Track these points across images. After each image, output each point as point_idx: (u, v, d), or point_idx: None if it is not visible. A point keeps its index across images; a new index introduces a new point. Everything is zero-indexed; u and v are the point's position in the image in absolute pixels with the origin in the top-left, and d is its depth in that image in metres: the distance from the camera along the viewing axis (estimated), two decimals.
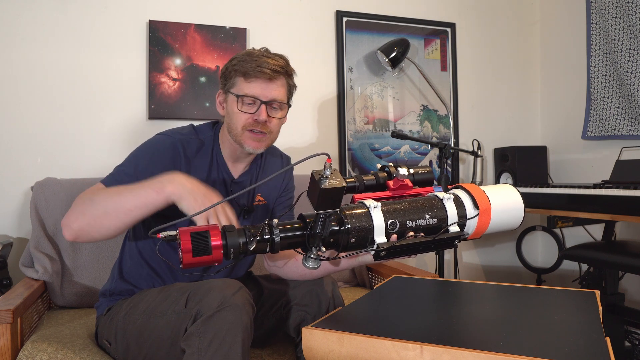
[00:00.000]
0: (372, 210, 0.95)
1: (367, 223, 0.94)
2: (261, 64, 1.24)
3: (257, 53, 1.27)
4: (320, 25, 2.41)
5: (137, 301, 1.25)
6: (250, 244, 0.89)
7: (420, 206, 1.01)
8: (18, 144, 1.93)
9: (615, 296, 2.10)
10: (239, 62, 1.26)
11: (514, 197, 1.09)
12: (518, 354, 0.77)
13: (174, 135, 1.29)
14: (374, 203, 0.96)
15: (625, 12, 2.29)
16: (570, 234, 2.69)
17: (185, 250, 0.84)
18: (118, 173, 1.23)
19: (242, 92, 1.25)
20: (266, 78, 1.25)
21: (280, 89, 1.28)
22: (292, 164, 0.99)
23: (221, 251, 0.87)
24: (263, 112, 1.25)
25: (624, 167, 2.17)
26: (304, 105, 2.37)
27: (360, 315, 1.07)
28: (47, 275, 1.63)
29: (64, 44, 2.00)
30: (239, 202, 1.36)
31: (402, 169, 1.03)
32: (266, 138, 1.29)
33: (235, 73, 1.27)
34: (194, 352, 1.01)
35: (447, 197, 1.02)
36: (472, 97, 2.73)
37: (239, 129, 1.27)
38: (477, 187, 1.07)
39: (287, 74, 1.30)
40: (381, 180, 1.03)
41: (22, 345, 1.31)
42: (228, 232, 0.88)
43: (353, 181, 1.00)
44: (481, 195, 1.05)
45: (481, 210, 1.04)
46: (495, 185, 1.11)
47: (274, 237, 0.91)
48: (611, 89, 2.41)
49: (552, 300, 1.14)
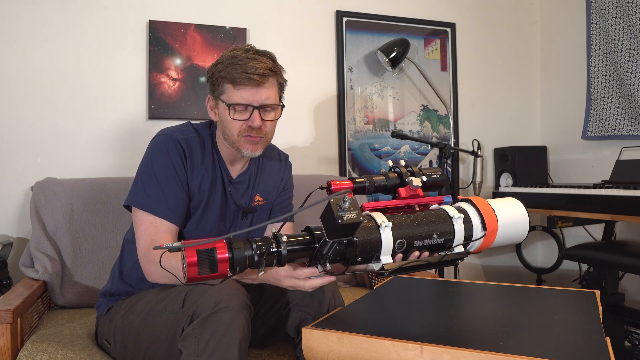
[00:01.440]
0: (382, 230, 0.94)
1: (375, 242, 0.94)
2: (247, 69, 1.20)
3: (243, 56, 1.22)
4: (320, 25, 2.41)
5: (136, 301, 1.25)
6: (259, 260, 0.89)
7: (429, 225, 1.00)
8: (18, 144, 1.93)
9: (615, 296, 2.10)
10: (224, 67, 1.22)
11: (521, 218, 1.09)
12: (518, 354, 0.77)
13: (175, 133, 1.29)
14: (385, 221, 0.95)
15: (625, 12, 2.29)
16: (570, 234, 2.69)
17: (191, 264, 0.83)
18: (143, 189, 1.24)
19: (233, 100, 1.23)
20: (254, 84, 1.22)
21: (271, 91, 1.25)
22: (309, 200, 0.96)
23: (227, 267, 0.86)
24: (257, 118, 1.23)
25: (624, 167, 2.17)
26: (304, 105, 2.37)
27: (360, 315, 1.07)
28: (47, 275, 1.63)
29: (64, 43, 1.99)
30: (238, 203, 1.36)
31: (415, 178, 1.01)
32: (262, 141, 1.28)
33: (223, 80, 1.23)
34: (190, 354, 1.01)
35: (457, 216, 1.01)
36: (472, 97, 2.73)
37: (235, 136, 1.26)
38: (487, 205, 1.06)
39: (276, 73, 1.27)
40: (391, 182, 1.02)
41: (22, 345, 1.31)
42: (235, 249, 0.87)
43: (363, 181, 1.00)
44: (490, 215, 1.04)
45: (488, 232, 1.04)
46: (505, 200, 1.10)
47: (282, 250, 0.91)
48: (611, 89, 2.41)
49: (552, 300, 1.14)
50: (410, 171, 1.05)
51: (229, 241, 0.88)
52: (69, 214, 1.73)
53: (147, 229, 1.22)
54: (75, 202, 1.75)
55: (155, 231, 1.22)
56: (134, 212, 1.26)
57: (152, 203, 1.23)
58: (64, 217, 1.72)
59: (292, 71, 2.33)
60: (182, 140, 1.28)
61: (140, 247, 1.22)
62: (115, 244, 1.72)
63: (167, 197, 1.23)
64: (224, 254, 0.86)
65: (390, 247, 0.95)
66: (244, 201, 1.38)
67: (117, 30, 2.07)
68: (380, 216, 0.97)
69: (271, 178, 1.45)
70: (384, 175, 1.03)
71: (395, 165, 1.06)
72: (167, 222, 1.23)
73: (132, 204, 1.26)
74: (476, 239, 1.04)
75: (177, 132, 1.30)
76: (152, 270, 1.20)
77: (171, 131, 1.30)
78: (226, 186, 1.34)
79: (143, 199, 1.24)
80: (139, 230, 1.24)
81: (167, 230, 1.23)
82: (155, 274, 1.20)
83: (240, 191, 1.36)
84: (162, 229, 1.22)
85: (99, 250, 1.74)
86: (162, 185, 1.23)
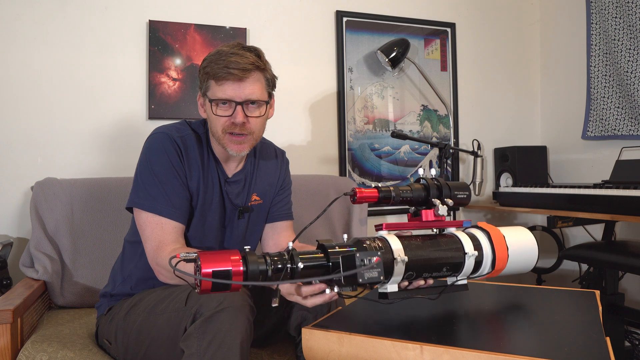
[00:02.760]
0: (396, 264, 0.95)
1: (387, 273, 0.94)
2: (229, 64, 1.18)
3: (226, 51, 1.20)
4: (320, 25, 2.41)
5: (137, 300, 1.25)
6: (270, 275, 0.88)
7: (442, 259, 1.01)
8: (18, 144, 1.93)
9: (615, 296, 2.09)
10: (208, 63, 1.21)
11: (528, 263, 1.13)
12: (518, 354, 0.77)
13: (171, 131, 1.28)
14: (401, 255, 0.95)
15: (625, 12, 2.29)
16: (570, 234, 2.69)
17: (205, 288, 0.81)
18: (145, 190, 1.23)
19: (215, 96, 1.21)
20: (236, 79, 1.19)
21: (255, 86, 1.22)
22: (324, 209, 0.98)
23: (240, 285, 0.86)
24: (239, 114, 1.21)
25: (624, 167, 2.17)
26: (304, 105, 2.37)
27: (360, 315, 1.07)
28: (47, 275, 1.63)
29: (64, 43, 1.99)
30: (234, 202, 1.35)
31: (442, 206, 1.01)
32: (248, 139, 1.25)
33: (207, 76, 1.22)
34: (192, 354, 1.01)
35: (471, 254, 1.03)
36: (472, 97, 2.73)
37: (220, 133, 1.24)
38: (503, 243, 1.08)
39: (260, 69, 1.23)
40: (417, 194, 1.02)
41: (22, 345, 1.31)
42: (250, 263, 0.85)
43: (389, 191, 1.00)
44: (502, 254, 1.07)
45: (495, 270, 1.08)
46: (522, 241, 1.11)
47: (296, 266, 0.89)
48: (611, 89, 2.41)
49: (552, 300, 1.14)
50: (437, 184, 1.04)
51: (244, 255, 0.85)
52: (69, 214, 1.73)
53: (154, 230, 1.21)
54: (75, 202, 1.74)
55: (162, 232, 1.21)
56: (138, 214, 1.25)
57: (156, 203, 1.21)
58: (64, 217, 1.72)
59: (292, 71, 2.34)
60: (178, 138, 1.26)
61: (149, 249, 1.22)
62: (115, 244, 1.72)
63: (170, 196, 1.23)
64: (239, 272, 0.83)
65: (400, 278, 0.97)
66: (240, 200, 1.37)
67: (117, 30, 2.07)
68: (397, 244, 0.97)
69: (268, 176, 1.44)
70: (410, 186, 1.03)
71: (423, 178, 1.06)
72: (173, 222, 1.22)
73: (135, 206, 1.24)
74: (480, 276, 1.09)
75: (173, 130, 1.28)
76: (162, 272, 1.20)
77: (167, 129, 1.29)
78: (222, 185, 1.33)
79: (146, 200, 1.22)
80: (145, 232, 1.23)
81: (173, 230, 1.22)
82: (165, 276, 1.20)
83: (236, 191, 1.35)
84: (169, 229, 1.22)
85: (99, 250, 1.74)
86: (163, 184, 1.22)
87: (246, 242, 1.41)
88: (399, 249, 0.95)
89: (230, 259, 0.82)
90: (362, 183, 2.45)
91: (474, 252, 1.03)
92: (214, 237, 1.34)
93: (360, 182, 2.44)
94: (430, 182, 1.04)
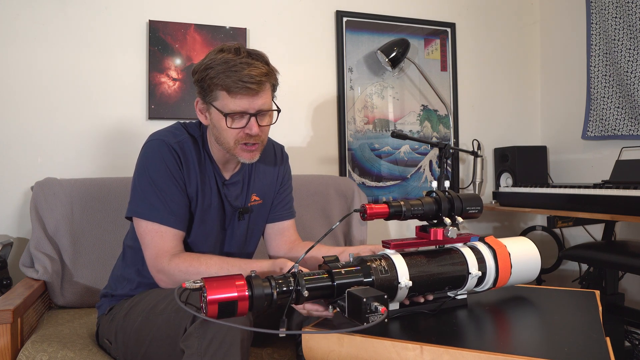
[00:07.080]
0: (400, 289, 0.96)
1: (390, 296, 0.95)
2: (243, 77, 1.15)
3: (236, 61, 1.16)
4: (320, 25, 2.41)
5: (138, 300, 1.25)
6: (275, 299, 0.89)
7: (445, 278, 1.02)
8: (18, 144, 1.93)
9: (615, 296, 2.09)
10: (217, 74, 1.16)
11: (532, 273, 1.13)
12: (518, 354, 0.77)
13: (168, 137, 1.26)
14: (406, 280, 0.96)
15: (625, 12, 2.29)
16: (570, 234, 2.69)
17: (212, 312, 0.84)
18: (144, 199, 1.23)
19: (229, 109, 1.18)
20: (253, 93, 1.17)
21: (266, 96, 1.21)
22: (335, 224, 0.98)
23: (247, 308, 0.87)
24: (254, 125, 1.20)
25: (624, 167, 2.17)
26: (304, 105, 2.37)
27: None
28: (47, 275, 1.63)
29: (64, 43, 1.99)
30: (234, 204, 1.35)
31: (452, 228, 1.01)
32: (259, 147, 1.26)
33: (216, 87, 1.18)
34: (193, 353, 1.01)
35: (475, 274, 1.04)
36: (472, 97, 2.73)
37: (232, 144, 1.23)
38: (508, 261, 1.08)
39: (270, 77, 1.22)
40: (428, 208, 1.02)
41: (22, 345, 1.31)
42: (255, 287, 0.86)
43: (399, 205, 1.00)
44: (505, 274, 1.07)
45: (496, 286, 1.09)
46: (524, 249, 1.11)
47: (301, 289, 0.91)
48: (611, 89, 2.41)
49: (552, 300, 1.14)
50: (449, 197, 1.03)
51: (249, 281, 0.87)
52: (69, 214, 1.73)
53: (153, 239, 1.21)
54: (75, 202, 1.74)
55: (162, 239, 1.21)
56: (137, 222, 1.25)
57: (155, 211, 1.22)
58: (64, 217, 1.72)
59: (292, 71, 2.34)
60: (176, 145, 1.25)
61: (149, 257, 1.22)
62: (116, 244, 1.72)
63: (169, 204, 1.23)
64: (244, 297, 0.85)
65: (402, 299, 0.99)
66: (240, 202, 1.36)
67: (117, 30, 2.07)
68: (402, 266, 0.97)
69: (267, 175, 1.43)
70: (421, 200, 1.02)
71: (434, 191, 1.05)
72: (172, 229, 1.23)
73: (135, 215, 1.24)
74: (481, 291, 1.10)
75: (170, 136, 1.27)
76: (162, 279, 1.21)
77: (163, 135, 1.27)
78: (220, 188, 1.32)
79: (145, 209, 1.22)
80: (144, 240, 1.23)
81: (173, 237, 1.23)
82: (166, 282, 1.21)
83: (234, 193, 1.35)
84: (168, 237, 1.22)
85: (99, 250, 1.74)
86: (162, 192, 1.22)
87: (247, 243, 1.41)
88: (404, 272, 0.96)
89: (235, 284, 0.85)
90: (362, 183, 2.45)
91: (478, 273, 1.04)
92: (214, 239, 1.34)
93: (360, 182, 2.45)
94: (441, 196, 1.03)
